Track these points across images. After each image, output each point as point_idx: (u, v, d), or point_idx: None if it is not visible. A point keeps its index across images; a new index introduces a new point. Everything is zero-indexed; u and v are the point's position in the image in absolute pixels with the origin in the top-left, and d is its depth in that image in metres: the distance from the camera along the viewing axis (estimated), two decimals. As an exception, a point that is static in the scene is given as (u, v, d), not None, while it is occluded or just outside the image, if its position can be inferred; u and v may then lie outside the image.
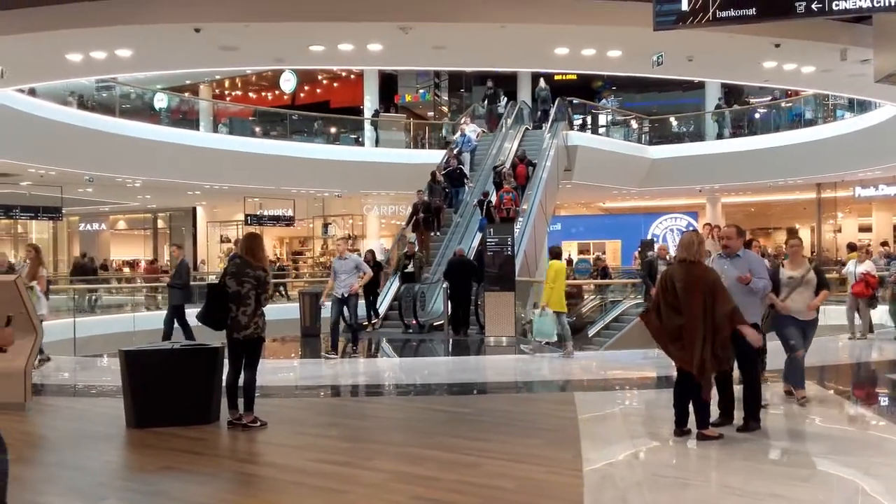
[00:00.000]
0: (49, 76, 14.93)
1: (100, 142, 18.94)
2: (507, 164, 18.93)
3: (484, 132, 22.13)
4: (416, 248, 16.68)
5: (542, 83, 23.35)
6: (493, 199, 17.32)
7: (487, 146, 21.21)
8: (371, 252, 17.52)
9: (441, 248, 17.44)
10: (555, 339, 11.49)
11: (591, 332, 16.97)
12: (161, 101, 23.01)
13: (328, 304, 12.04)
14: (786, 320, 7.15)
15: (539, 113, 22.96)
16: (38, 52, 11.74)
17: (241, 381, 6.83)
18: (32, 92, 17.26)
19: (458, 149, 20.25)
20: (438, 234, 18.00)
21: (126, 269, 30.71)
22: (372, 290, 15.11)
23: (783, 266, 7.51)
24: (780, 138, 22.98)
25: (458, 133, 21.29)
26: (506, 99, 24.45)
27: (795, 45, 11.52)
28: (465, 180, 19.06)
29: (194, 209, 30.85)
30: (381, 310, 15.84)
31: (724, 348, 5.95)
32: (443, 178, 18.71)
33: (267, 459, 6.14)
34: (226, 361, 7.01)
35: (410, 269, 15.84)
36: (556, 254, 11.90)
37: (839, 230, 26.64)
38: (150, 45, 11.76)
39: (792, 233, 23.15)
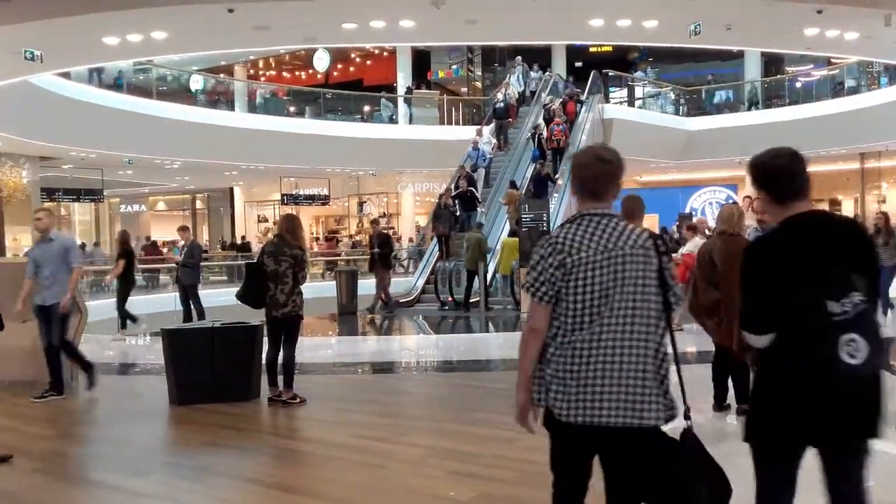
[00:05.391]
0: (86, 60, 15.13)
1: (138, 124, 19.20)
2: (557, 104, 19.66)
3: (497, 146, 19.80)
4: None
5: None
6: (544, 132, 17.81)
7: (503, 161, 19.19)
8: (124, 233, 13.05)
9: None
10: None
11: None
12: (197, 83, 23.18)
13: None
14: None
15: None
16: (74, 35, 11.86)
17: (280, 359, 6.94)
18: (67, 75, 17.49)
19: (472, 163, 18.15)
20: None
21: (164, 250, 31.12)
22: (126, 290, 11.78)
23: None
24: (821, 107, 22.40)
25: (471, 147, 18.77)
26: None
27: (838, 11, 11.18)
28: (477, 202, 16.97)
29: (231, 189, 31.18)
30: (419, 284, 15.66)
31: None
32: (452, 202, 16.89)
33: (307, 435, 6.23)
34: (265, 339, 7.11)
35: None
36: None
37: (883, 201, 25.94)
38: (184, 27, 11.84)
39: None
